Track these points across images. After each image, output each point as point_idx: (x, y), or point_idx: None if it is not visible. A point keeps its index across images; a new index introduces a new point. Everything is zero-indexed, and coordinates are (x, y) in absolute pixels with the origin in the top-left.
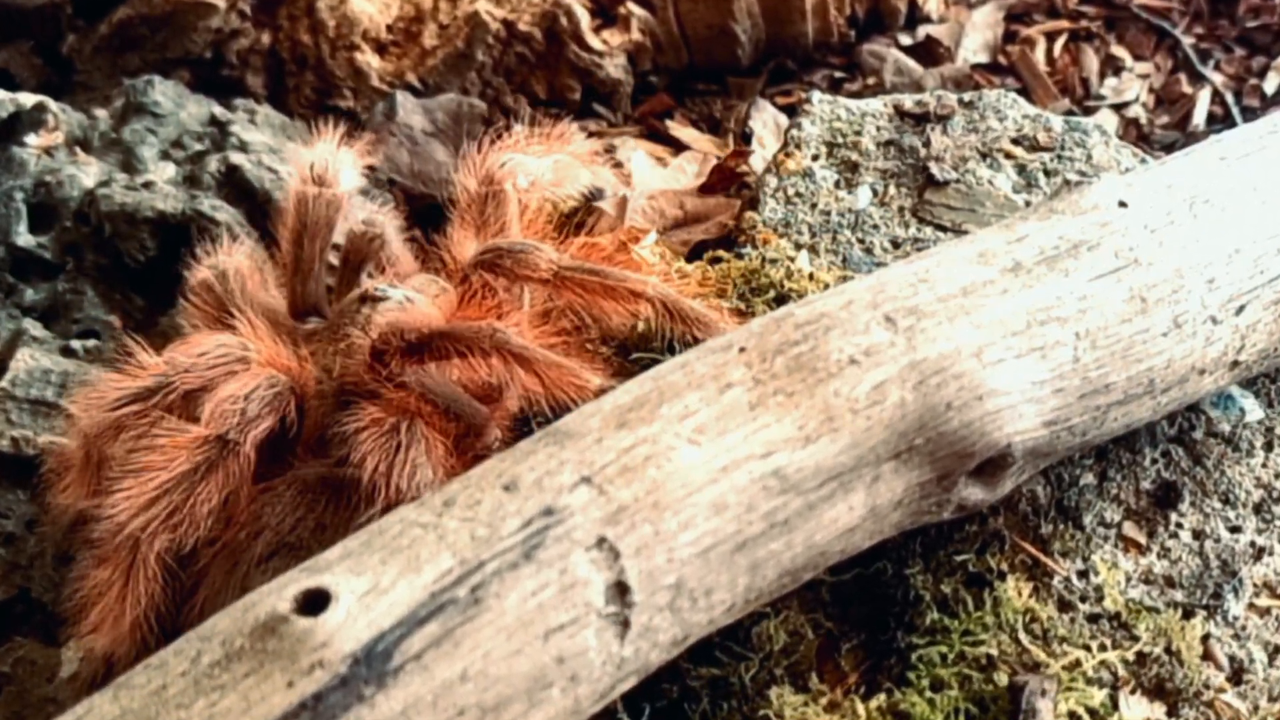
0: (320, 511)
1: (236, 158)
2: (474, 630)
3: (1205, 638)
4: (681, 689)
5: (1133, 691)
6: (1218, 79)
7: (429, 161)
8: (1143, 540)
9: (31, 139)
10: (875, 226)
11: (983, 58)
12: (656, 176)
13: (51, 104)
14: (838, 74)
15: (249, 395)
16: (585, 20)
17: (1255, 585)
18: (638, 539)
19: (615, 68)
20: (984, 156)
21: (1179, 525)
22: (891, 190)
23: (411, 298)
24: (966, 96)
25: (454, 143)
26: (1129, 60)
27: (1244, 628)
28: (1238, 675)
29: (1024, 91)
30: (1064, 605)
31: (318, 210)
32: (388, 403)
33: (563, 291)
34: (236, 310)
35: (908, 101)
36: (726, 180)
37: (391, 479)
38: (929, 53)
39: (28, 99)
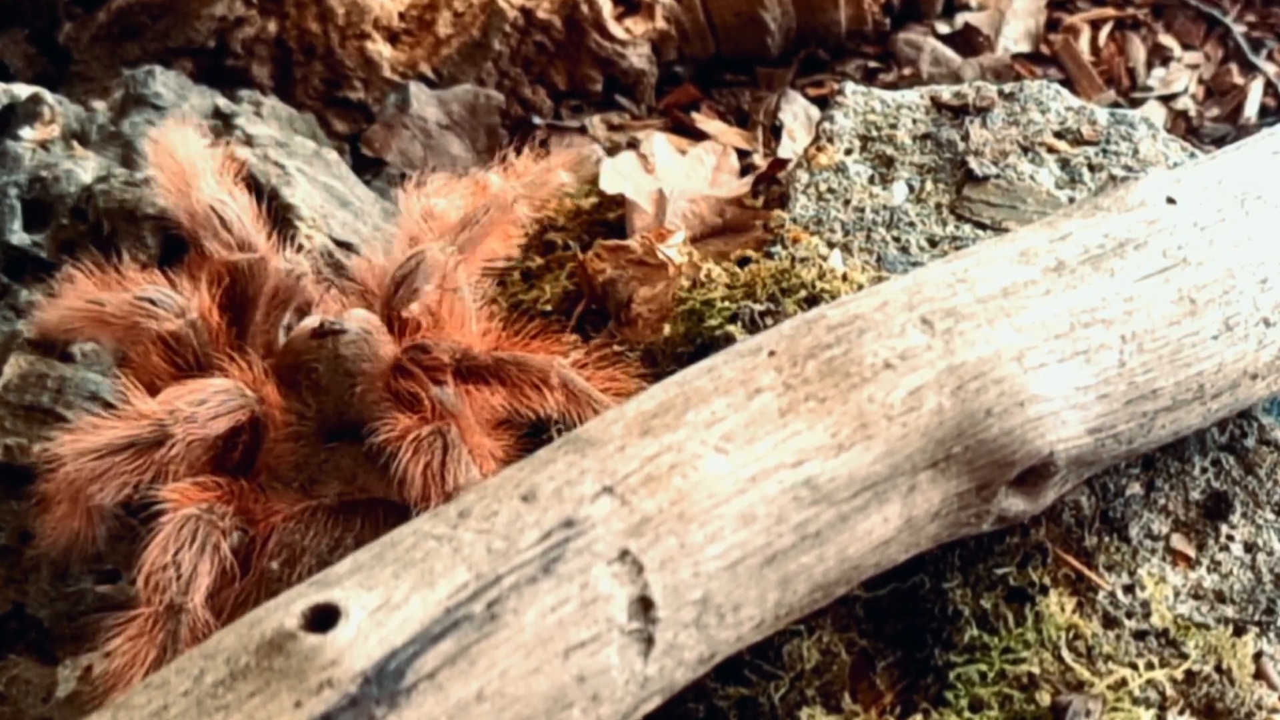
0: (360, 531)
1: (241, 152)
2: (491, 648)
3: (1258, 656)
4: (708, 709)
5: (1181, 712)
6: (1270, 69)
7: (443, 155)
8: (1192, 553)
9: (26, 132)
10: (911, 224)
11: (1024, 47)
12: (679, 167)
13: (47, 95)
14: (872, 64)
15: (204, 400)
16: (607, 7)
17: None
18: (662, 552)
19: (639, 57)
20: (1025, 151)
21: (1230, 537)
22: (928, 186)
23: (368, 330)
24: (1007, 88)
25: (470, 136)
26: (1177, 50)
27: None
28: None
29: (1067, 82)
30: (1109, 621)
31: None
32: (408, 418)
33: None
34: (213, 355)
35: (945, 93)
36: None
37: (446, 477)
38: (968, 42)
39: (22, 90)
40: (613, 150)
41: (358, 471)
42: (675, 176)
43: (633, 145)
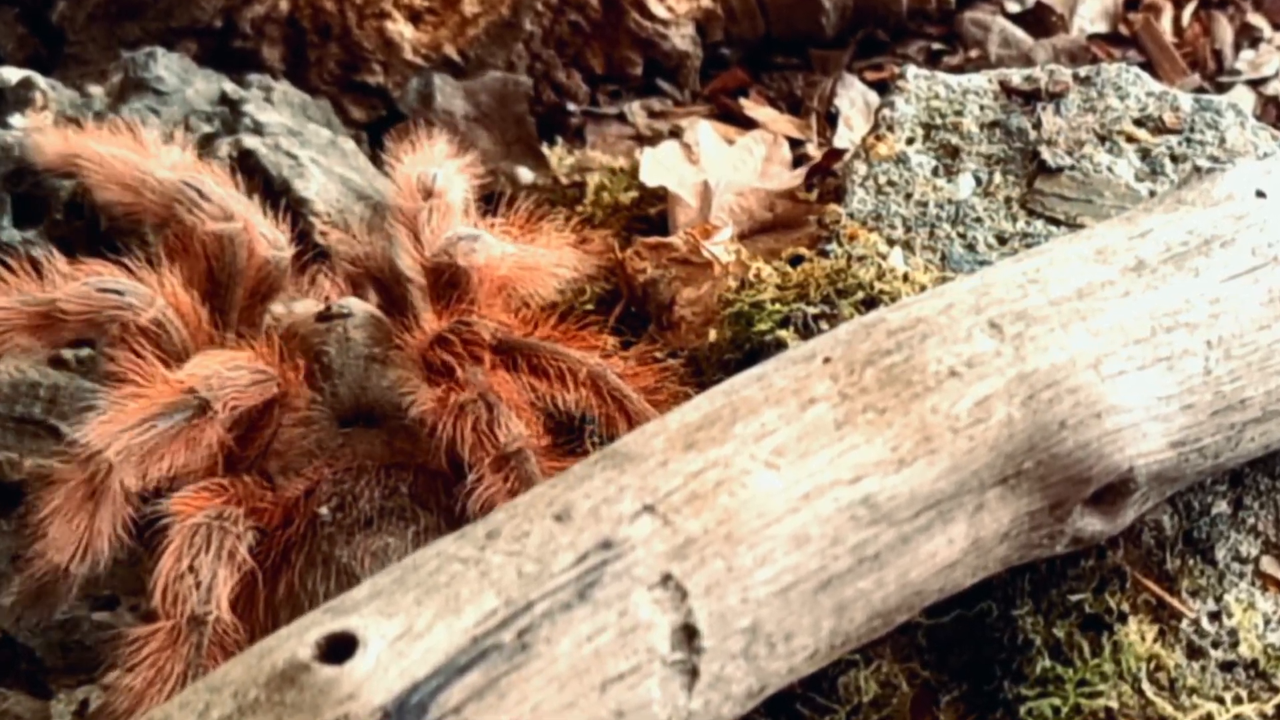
0: (414, 482)
1: (250, 141)
2: (521, 680)
3: None
4: None
5: None
6: None
7: (471, 151)
8: None
9: (17, 120)
10: (978, 219)
11: (1101, 27)
12: (726, 158)
13: (39, 79)
14: (936, 45)
15: (238, 367)
16: None
17: None
18: (708, 576)
19: (682, 38)
20: (1102, 140)
21: None
22: (997, 178)
23: (376, 314)
24: (1083, 71)
25: (499, 128)
26: (1267, 30)
27: None
28: None
29: (1148, 66)
30: (1193, 651)
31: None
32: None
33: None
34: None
35: (1016, 77)
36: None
37: (496, 433)
38: (1040, 21)
39: (12, 74)
40: (653, 139)
41: (382, 452)
42: (722, 168)
43: (675, 134)
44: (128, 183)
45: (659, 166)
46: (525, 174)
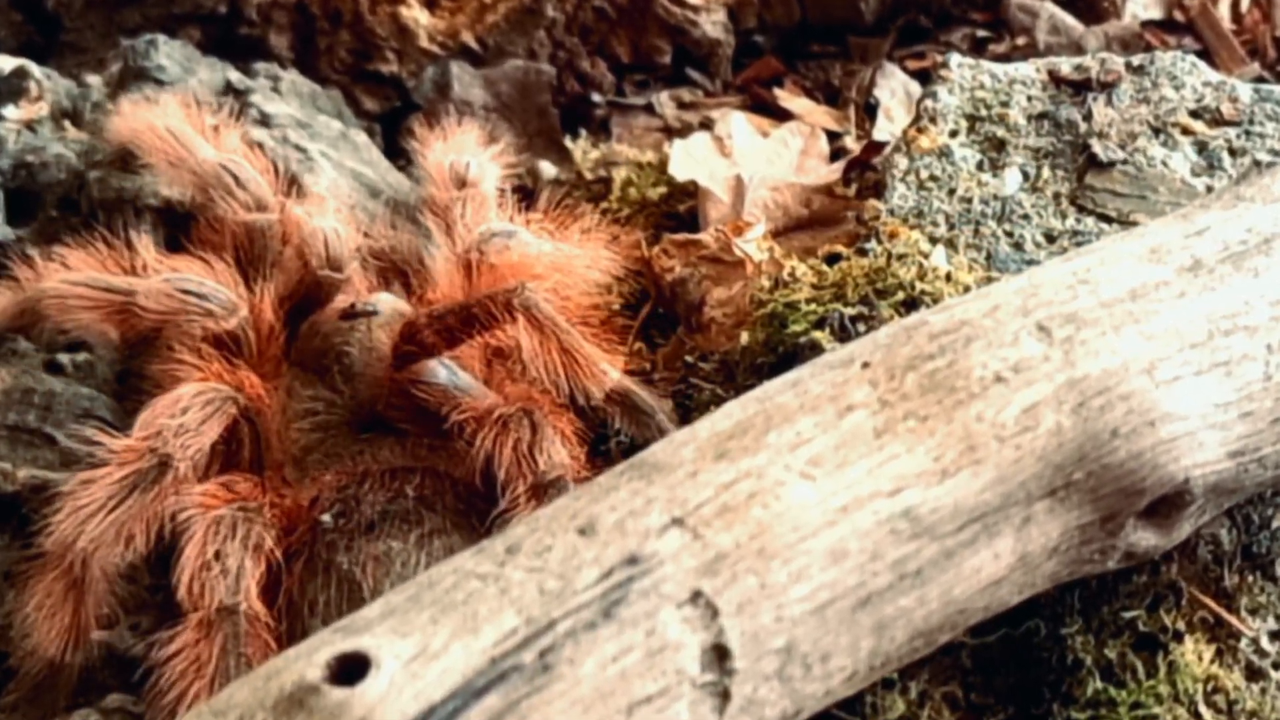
0: (420, 485)
1: (257, 133)
2: (543, 703)
3: None
4: None
5: None
6: None
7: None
8: None
9: (10, 111)
10: (1026, 216)
11: (1155, 13)
12: (760, 150)
13: (34, 69)
14: (981, 32)
15: (185, 408)
16: None
17: None
18: (740, 593)
19: (713, 25)
20: (1157, 132)
21: None
22: (1045, 173)
23: (403, 310)
24: (1136, 60)
25: (520, 119)
26: None
27: None
28: None
29: (1205, 54)
30: (1253, 673)
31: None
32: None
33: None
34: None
35: (1065, 66)
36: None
37: (536, 457)
38: (1091, 7)
39: (6, 63)
40: (683, 132)
41: (400, 460)
42: (755, 161)
43: (706, 126)
44: (172, 160)
45: (689, 159)
46: (548, 168)
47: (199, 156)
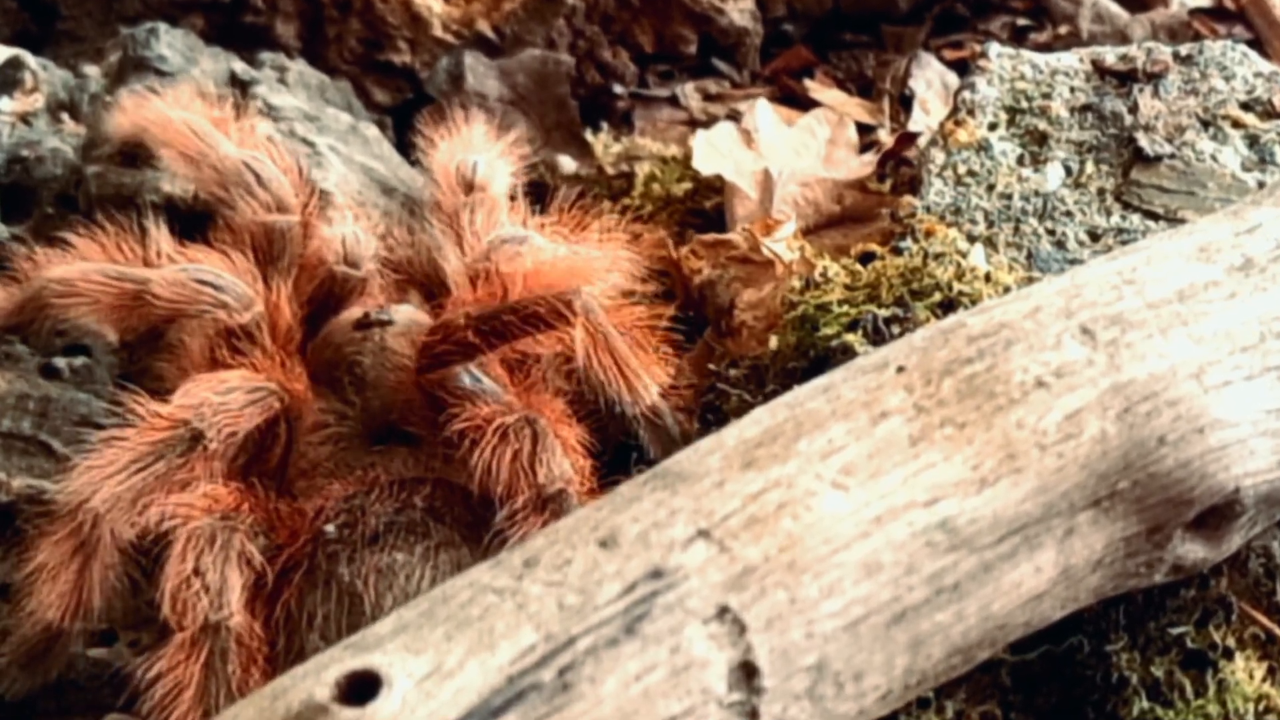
0: (430, 495)
1: (262, 127)
2: None
3: None
4: None
5: None
6: None
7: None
8: None
9: (4, 103)
10: (1068, 213)
11: (1204, 1)
12: (786, 140)
13: (29, 59)
14: (1021, 21)
15: (231, 389)
16: None
17: None
18: (769, 609)
19: (740, 13)
20: (1206, 125)
21: None
22: (1089, 168)
23: (420, 321)
24: (1184, 49)
25: (538, 112)
26: None
27: None
28: None
29: (1256, 43)
30: None
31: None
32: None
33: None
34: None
35: (1110, 56)
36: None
37: (537, 469)
38: None
39: None
40: (708, 125)
41: (416, 470)
42: (782, 152)
43: (733, 119)
44: (190, 155)
45: (713, 151)
46: (567, 163)
47: (219, 152)
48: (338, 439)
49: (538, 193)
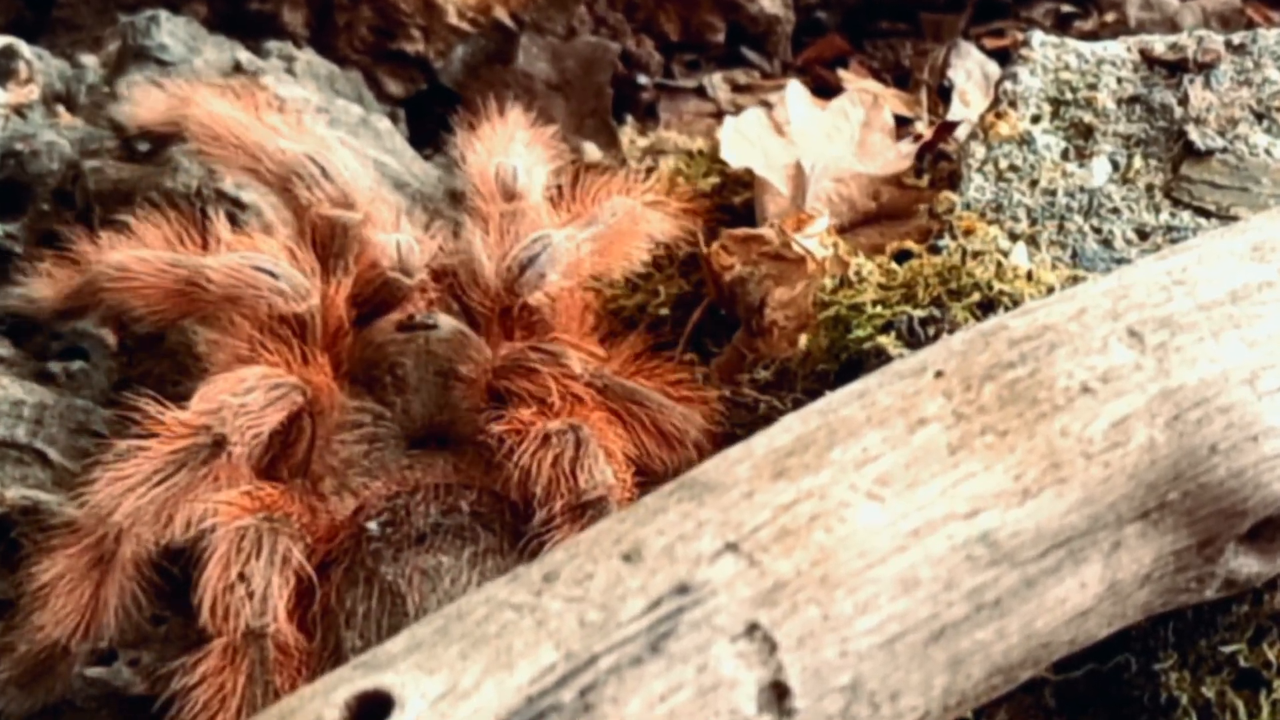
0: (477, 502)
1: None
2: None
3: None
4: None
5: None
6: None
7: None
8: None
9: None
10: (1115, 210)
11: None
12: (818, 125)
13: (24, 48)
14: (1065, 8)
15: (250, 389)
16: None
17: None
18: (800, 626)
19: (771, 0)
20: (1260, 118)
21: None
22: (1137, 162)
23: (464, 329)
24: (1236, 38)
25: (578, 98)
26: None
27: None
28: None
29: None
30: None
31: None
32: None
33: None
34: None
35: (1158, 44)
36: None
37: (578, 476)
38: None
39: None
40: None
41: (456, 477)
42: (814, 138)
43: (766, 105)
44: (247, 148)
45: (741, 140)
46: (592, 150)
47: (276, 144)
48: (373, 439)
49: (567, 178)
